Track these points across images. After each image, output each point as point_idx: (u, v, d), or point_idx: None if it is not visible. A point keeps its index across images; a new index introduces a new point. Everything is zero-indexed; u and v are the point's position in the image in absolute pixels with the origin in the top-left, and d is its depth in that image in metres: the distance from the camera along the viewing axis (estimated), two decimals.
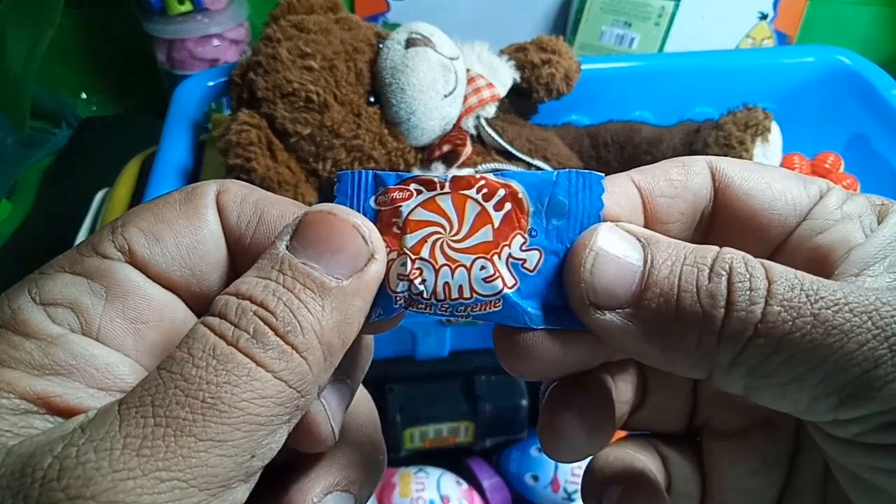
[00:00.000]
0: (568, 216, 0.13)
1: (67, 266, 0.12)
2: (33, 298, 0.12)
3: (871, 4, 0.70)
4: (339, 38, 0.39)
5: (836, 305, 0.11)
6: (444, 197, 0.13)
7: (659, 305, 0.12)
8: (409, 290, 0.13)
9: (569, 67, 0.45)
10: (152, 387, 0.10)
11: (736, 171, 0.14)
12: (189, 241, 0.13)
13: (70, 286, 0.12)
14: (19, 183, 0.71)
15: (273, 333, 0.11)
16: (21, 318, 0.11)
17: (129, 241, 0.12)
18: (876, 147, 0.50)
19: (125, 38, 0.73)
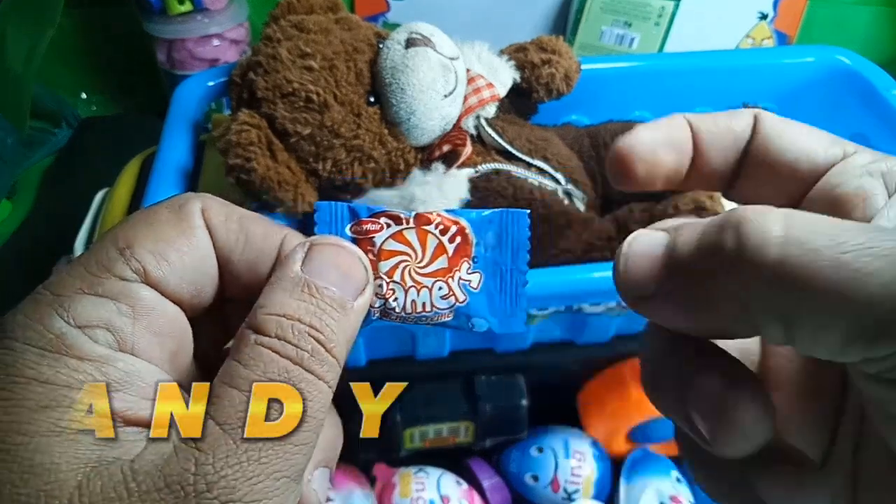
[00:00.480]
0: (500, 245, 0.17)
1: (87, 288, 0.13)
2: (68, 322, 0.12)
3: (871, 4, 0.70)
4: (340, 38, 0.39)
5: (858, 249, 0.11)
6: (409, 231, 0.17)
7: (684, 278, 0.13)
8: (384, 306, 0.16)
9: (569, 67, 0.45)
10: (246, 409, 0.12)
11: (774, 123, 0.16)
12: (190, 260, 0.14)
13: (100, 308, 0.13)
14: (19, 183, 0.71)
15: (324, 349, 0.13)
16: (69, 342, 0.12)
17: (143, 264, 0.13)
18: (876, 147, 0.49)
19: (125, 38, 0.73)
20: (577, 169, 0.45)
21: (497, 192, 0.40)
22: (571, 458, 0.43)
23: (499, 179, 0.41)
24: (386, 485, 0.43)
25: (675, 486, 0.43)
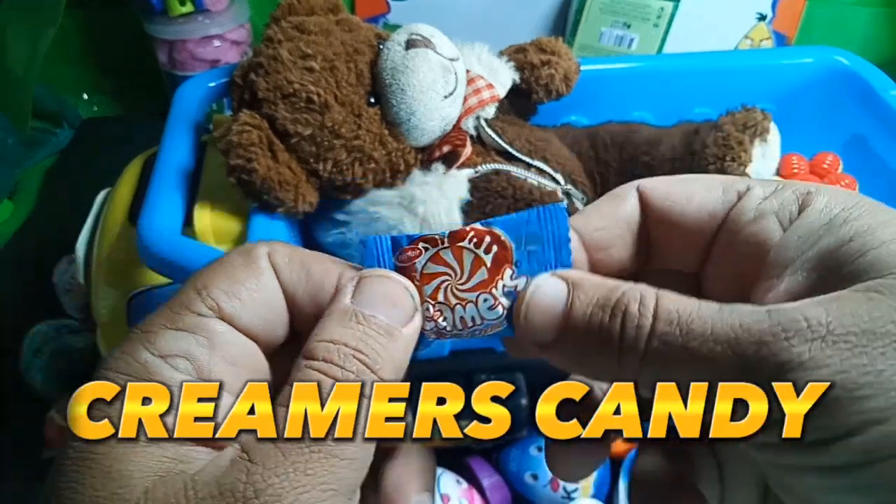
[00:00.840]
0: (541, 242, 0.17)
1: (169, 324, 0.15)
2: (152, 353, 0.14)
3: (870, 5, 0.71)
4: (340, 39, 0.39)
5: (703, 337, 0.13)
6: (445, 251, 0.17)
7: (576, 340, 0.15)
8: (435, 327, 0.17)
9: (568, 68, 0.46)
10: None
11: (659, 189, 0.16)
12: (259, 297, 0.16)
13: (179, 340, 0.14)
14: (21, 183, 0.71)
15: (369, 371, 0.14)
16: (152, 369, 0.14)
17: (217, 301, 0.15)
18: (874, 147, 0.50)
19: (127, 38, 0.73)
20: (576, 169, 0.46)
21: (497, 192, 0.41)
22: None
23: (498, 180, 0.41)
24: None
25: None
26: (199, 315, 0.15)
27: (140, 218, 0.37)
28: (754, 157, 0.42)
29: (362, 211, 0.39)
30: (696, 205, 0.16)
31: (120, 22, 0.73)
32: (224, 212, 0.39)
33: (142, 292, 0.41)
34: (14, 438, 0.50)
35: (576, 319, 0.15)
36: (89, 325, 0.54)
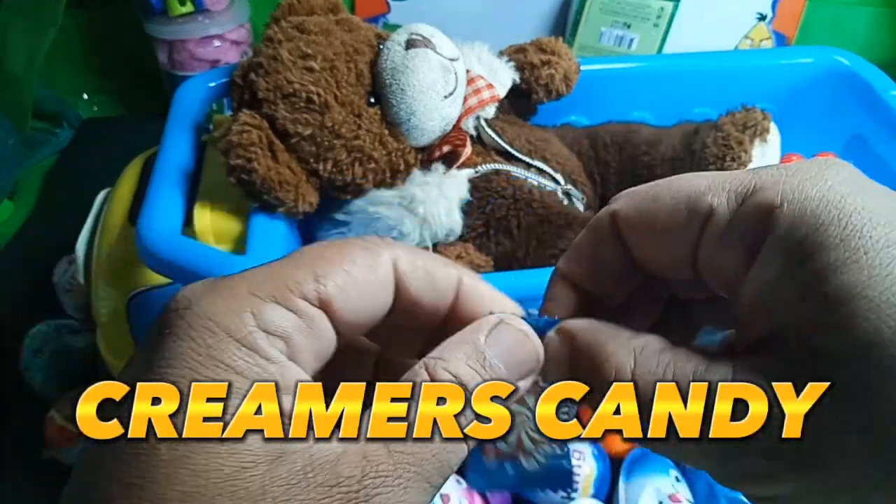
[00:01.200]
0: None
1: (280, 299, 0.15)
2: (258, 325, 0.14)
3: (870, 6, 0.71)
4: (340, 39, 0.39)
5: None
6: None
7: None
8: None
9: (568, 68, 0.46)
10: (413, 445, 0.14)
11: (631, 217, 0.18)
12: (370, 303, 0.16)
13: (284, 320, 0.14)
14: (21, 183, 0.71)
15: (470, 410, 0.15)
16: (257, 346, 0.14)
17: (329, 296, 0.15)
18: (874, 148, 0.50)
19: (127, 39, 0.73)
20: (576, 169, 0.46)
21: (497, 192, 0.41)
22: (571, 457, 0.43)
23: (498, 179, 0.41)
24: None
25: (674, 485, 0.43)
26: (308, 302, 0.15)
27: (140, 218, 0.37)
28: (754, 157, 0.42)
29: (362, 211, 0.39)
30: (663, 234, 0.16)
31: (120, 22, 0.73)
32: (224, 212, 0.39)
33: (142, 292, 0.41)
34: (14, 438, 0.50)
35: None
36: (89, 325, 0.54)
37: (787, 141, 0.45)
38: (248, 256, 0.35)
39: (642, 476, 0.44)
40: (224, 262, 0.34)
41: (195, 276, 0.34)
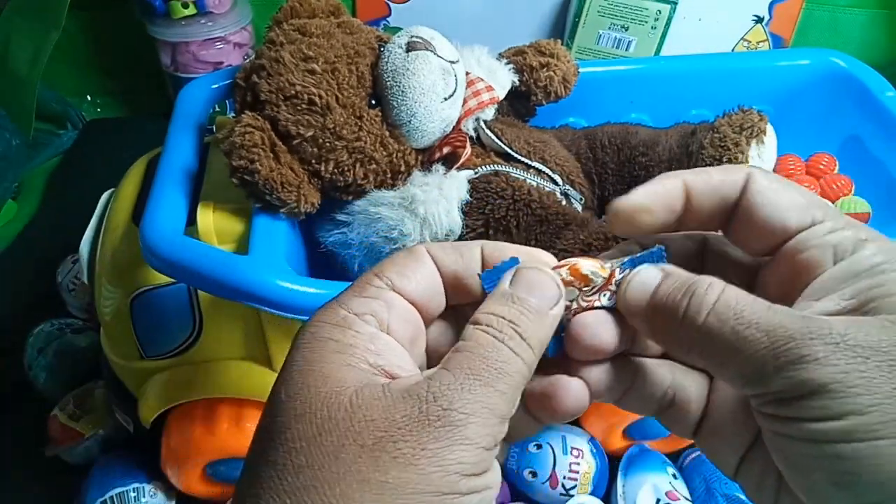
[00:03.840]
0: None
1: (357, 293, 0.19)
2: (348, 311, 0.19)
3: (866, 7, 0.71)
4: (341, 41, 0.40)
5: (749, 324, 0.17)
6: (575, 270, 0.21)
7: (655, 312, 0.19)
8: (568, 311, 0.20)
9: (567, 71, 0.46)
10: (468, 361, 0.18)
11: (762, 185, 0.20)
12: (422, 277, 0.20)
13: (367, 303, 0.19)
14: (25, 184, 0.72)
15: (520, 337, 0.18)
16: (349, 322, 0.19)
17: (390, 279, 0.20)
18: (870, 148, 0.50)
19: (130, 41, 0.74)
20: (574, 170, 0.46)
21: (496, 192, 0.41)
22: (569, 455, 0.44)
23: (498, 180, 0.41)
24: None
25: (672, 482, 0.44)
26: (378, 288, 0.19)
27: (143, 218, 0.37)
28: (751, 159, 0.42)
29: (364, 211, 0.40)
30: (780, 213, 0.19)
31: (123, 24, 0.73)
32: (227, 212, 0.40)
33: (145, 292, 0.41)
34: (17, 437, 0.50)
35: (659, 296, 0.19)
36: (93, 325, 0.54)
37: (783, 142, 0.46)
38: (250, 256, 0.36)
39: (640, 473, 0.44)
40: (227, 262, 0.35)
41: (198, 276, 0.35)
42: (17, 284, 0.60)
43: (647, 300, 0.19)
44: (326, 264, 0.42)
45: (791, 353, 0.16)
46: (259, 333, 0.40)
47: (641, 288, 0.19)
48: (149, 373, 0.42)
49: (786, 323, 0.17)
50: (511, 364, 0.18)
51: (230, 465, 0.43)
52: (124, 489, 0.43)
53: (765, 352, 0.16)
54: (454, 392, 0.17)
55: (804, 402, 0.16)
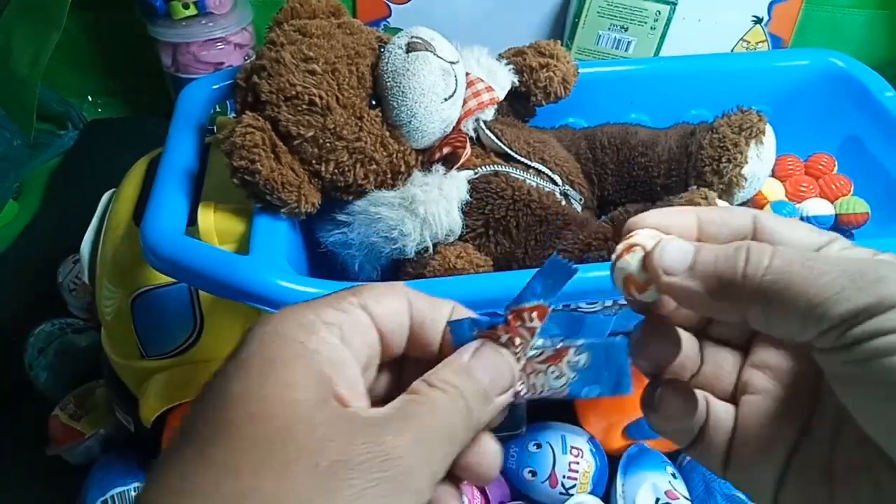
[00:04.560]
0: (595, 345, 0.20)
1: (331, 304, 0.19)
2: (317, 317, 0.19)
3: (865, 8, 0.71)
4: (342, 42, 0.40)
5: (817, 258, 0.17)
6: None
7: (705, 269, 0.19)
8: (517, 394, 0.20)
9: (566, 71, 0.46)
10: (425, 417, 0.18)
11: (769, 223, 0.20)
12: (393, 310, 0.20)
13: (338, 315, 0.19)
14: (26, 184, 0.72)
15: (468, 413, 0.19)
16: (316, 327, 0.18)
17: (366, 301, 0.20)
18: (869, 149, 0.50)
19: (131, 41, 0.74)
20: (574, 170, 0.46)
21: (496, 192, 0.41)
22: (569, 454, 0.44)
23: (497, 181, 0.41)
24: None
25: (671, 482, 0.44)
26: (351, 305, 0.20)
27: (144, 218, 0.37)
28: (750, 159, 0.42)
29: (364, 211, 0.40)
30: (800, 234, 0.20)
31: (124, 25, 0.73)
32: (227, 212, 0.40)
33: (146, 291, 0.41)
34: (17, 437, 0.50)
35: (704, 255, 0.19)
36: (93, 324, 0.54)
37: (782, 142, 0.46)
38: (251, 256, 0.36)
39: (640, 472, 0.44)
40: (227, 261, 0.35)
41: (199, 276, 0.35)
42: (18, 284, 0.61)
43: (687, 260, 0.19)
44: (327, 264, 0.42)
45: (867, 275, 0.16)
46: None
47: (680, 254, 0.19)
48: (149, 372, 0.42)
49: (849, 258, 0.17)
50: (459, 434, 0.18)
51: None
52: (125, 488, 0.43)
53: (841, 279, 0.16)
54: (410, 444, 0.17)
55: (887, 316, 0.16)
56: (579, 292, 0.36)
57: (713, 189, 0.42)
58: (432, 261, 0.38)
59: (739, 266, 0.18)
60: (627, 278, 0.20)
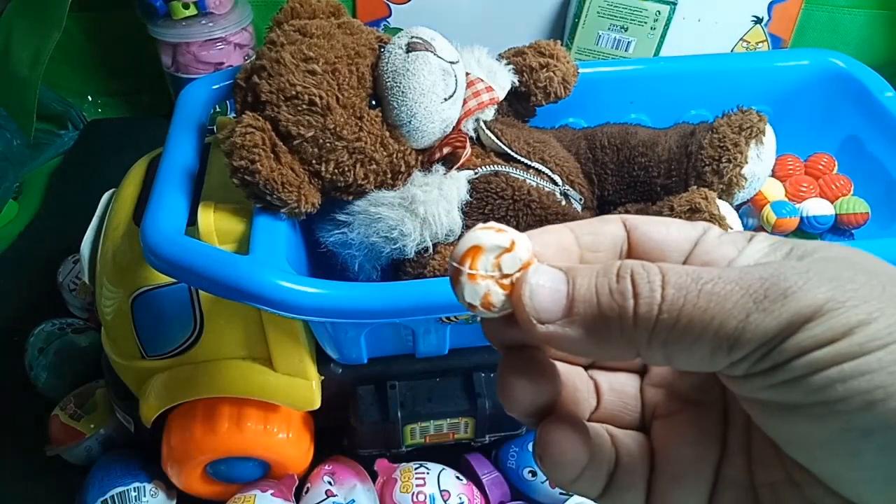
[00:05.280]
0: None
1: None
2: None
3: (865, 8, 0.71)
4: (342, 42, 0.40)
5: (713, 280, 0.15)
6: None
7: (586, 310, 0.16)
8: None
9: (566, 71, 0.46)
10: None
11: (638, 225, 0.19)
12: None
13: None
14: (26, 184, 0.72)
15: None
16: None
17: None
18: (869, 148, 0.50)
19: (131, 41, 0.74)
20: (574, 171, 0.46)
21: (496, 193, 0.41)
22: None
23: (498, 181, 0.41)
24: (387, 480, 0.44)
25: None
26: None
27: (144, 218, 0.37)
28: (750, 159, 0.42)
29: (364, 211, 0.40)
30: (673, 231, 0.18)
31: (124, 25, 0.73)
32: (227, 212, 0.40)
33: (146, 291, 0.41)
34: (18, 437, 0.50)
35: (581, 291, 0.16)
36: (94, 324, 0.54)
37: (782, 142, 0.46)
38: (251, 256, 0.36)
39: None
40: (227, 261, 0.35)
41: (199, 276, 0.35)
42: (18, 284, 0.61)
43: (563, 301, 0.16)
44: (327, 264, 0.42)
45: (771, 291, 0.14)
46: (260, 333, 0.41)
47: (553, 293, 0.16)
48: (150, 372, 0.42)
49: (749, 272, 0.15)
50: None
51: (231, 464, 0.43)
52: (125, 488, 0.43)
53: (744, 300, 0.14)
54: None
55: (804, 334, 0.14)
56: None
57: (713, 189, 0.42)
58: (432, 261, 0.38)
59: (628, 305, 0.15)
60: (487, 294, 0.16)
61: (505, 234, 0.17)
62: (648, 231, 0.18)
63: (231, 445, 0.42)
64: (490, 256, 0.17)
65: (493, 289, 0.17)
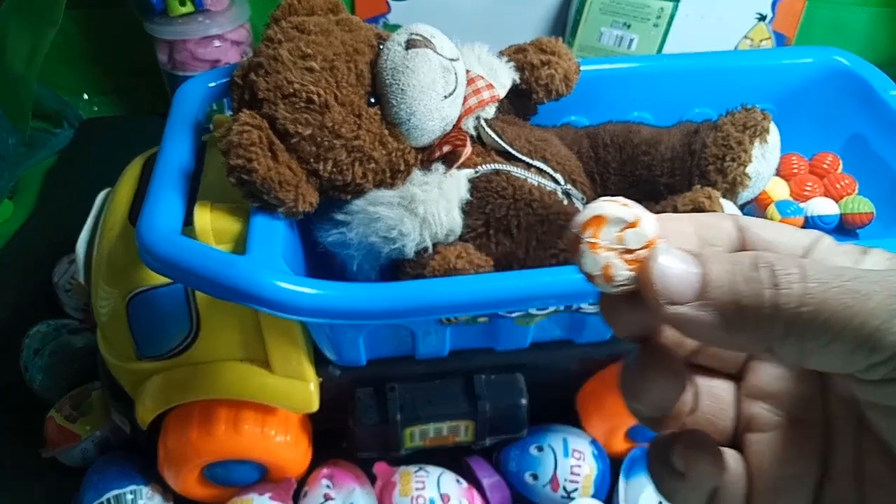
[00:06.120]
0: None
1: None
2: None
3: (870, 5, 0.71)
4: (340, 39, 0.39)
5: (856, 278, 0.15)
6: None
7: (721, 295, 0.15)
8: None
9: (568, 69, 0.46)
10: None
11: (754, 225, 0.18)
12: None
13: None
14: (21, 183, 0.71)
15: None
16: None
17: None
18: (874, 147, 0.50)
19: (127, 39, 0.73)
20: (576, 169, 0.46)
21: (496, 192, 0.41)
22: (570, 457, 0.43)
23: (498, 179, 0.41)
24: (386, 483, 0.44)
25: None
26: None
27: (140, 217, 0.37)
28: (754, 158, 0.42)
29: (362, 211, 0.39)
30: (788, 235, 0.18)
31: (120, 22, 0.73)
32: (224, 212, 0.39)
33: (141, 292, 0.41)
34: (13, 439, 0.50)
35: (718, 274, 0.16)
36: (89, 325, 0.54)
37: (786, 141, 0.45)
38: (248, 256, 0.35)
39: (643, 475, 0.44)
40: (224, 262, 0.34)
41: (195, 276, 0.34)
42: (13, 284, 0.60)
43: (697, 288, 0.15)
44: (325, 264, 0.42)
45: None
46: (257, 334, 0.40)
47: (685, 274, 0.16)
48: (146, 374, 0.42)
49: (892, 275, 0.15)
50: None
51: (227, 467, 0.43)
52: (121, 491, 0.43)
53: (888, 301, 0.14)
54: None
55: None
56: (581, 293, 0.35)
57: (717, 188, 0.41)
58: (432, 261, 0.38)
59: (766, 292, 0.15)
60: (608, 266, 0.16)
61: (630, 208, 0.16)
62: (761, 233, 0.18)
63: (228, 448, 0.41)
64: (613, 229, 0.16)
65: (616, 262, 0.16)
